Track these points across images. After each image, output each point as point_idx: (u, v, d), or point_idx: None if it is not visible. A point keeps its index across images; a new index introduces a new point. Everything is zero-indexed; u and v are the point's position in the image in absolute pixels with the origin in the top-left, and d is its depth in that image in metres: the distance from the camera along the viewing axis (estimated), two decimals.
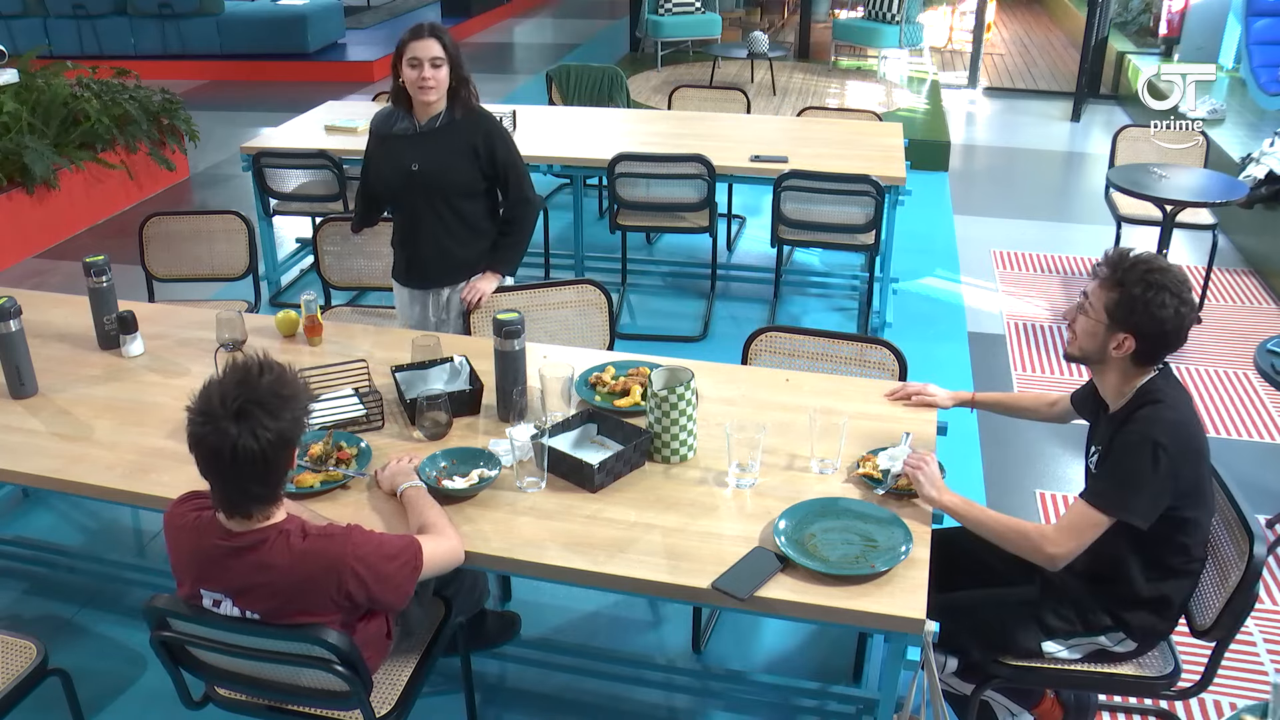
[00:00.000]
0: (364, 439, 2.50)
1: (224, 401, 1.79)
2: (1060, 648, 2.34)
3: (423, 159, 3.21)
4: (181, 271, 4.20)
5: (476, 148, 3.20)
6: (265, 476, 1.85)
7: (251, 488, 1.86)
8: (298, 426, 1.87)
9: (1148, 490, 2.10)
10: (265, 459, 1.81)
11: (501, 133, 3.27)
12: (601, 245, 5.78)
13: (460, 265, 3.35)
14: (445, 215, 3.27)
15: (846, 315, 5.25)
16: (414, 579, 2.00)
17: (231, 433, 1.78)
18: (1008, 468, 3.96)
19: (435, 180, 3.22)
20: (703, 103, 6.28)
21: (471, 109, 3.22)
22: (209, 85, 10.57)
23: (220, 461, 1.81)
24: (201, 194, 7.25)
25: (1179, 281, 2.14)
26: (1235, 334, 5.01)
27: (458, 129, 3.20)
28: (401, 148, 3.24)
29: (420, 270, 3.39)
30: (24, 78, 6.39)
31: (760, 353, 3.10)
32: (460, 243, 3.32)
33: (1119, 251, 2.21)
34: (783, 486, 2.35)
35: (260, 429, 1.79)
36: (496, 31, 13.76)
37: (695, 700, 2.91)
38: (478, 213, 3.32)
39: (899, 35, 9.47)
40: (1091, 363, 2.27)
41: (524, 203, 3.34)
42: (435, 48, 3.07)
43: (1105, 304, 2.16)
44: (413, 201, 3.29)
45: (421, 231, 3.32)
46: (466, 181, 3.24)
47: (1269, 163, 5.61)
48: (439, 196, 3.25)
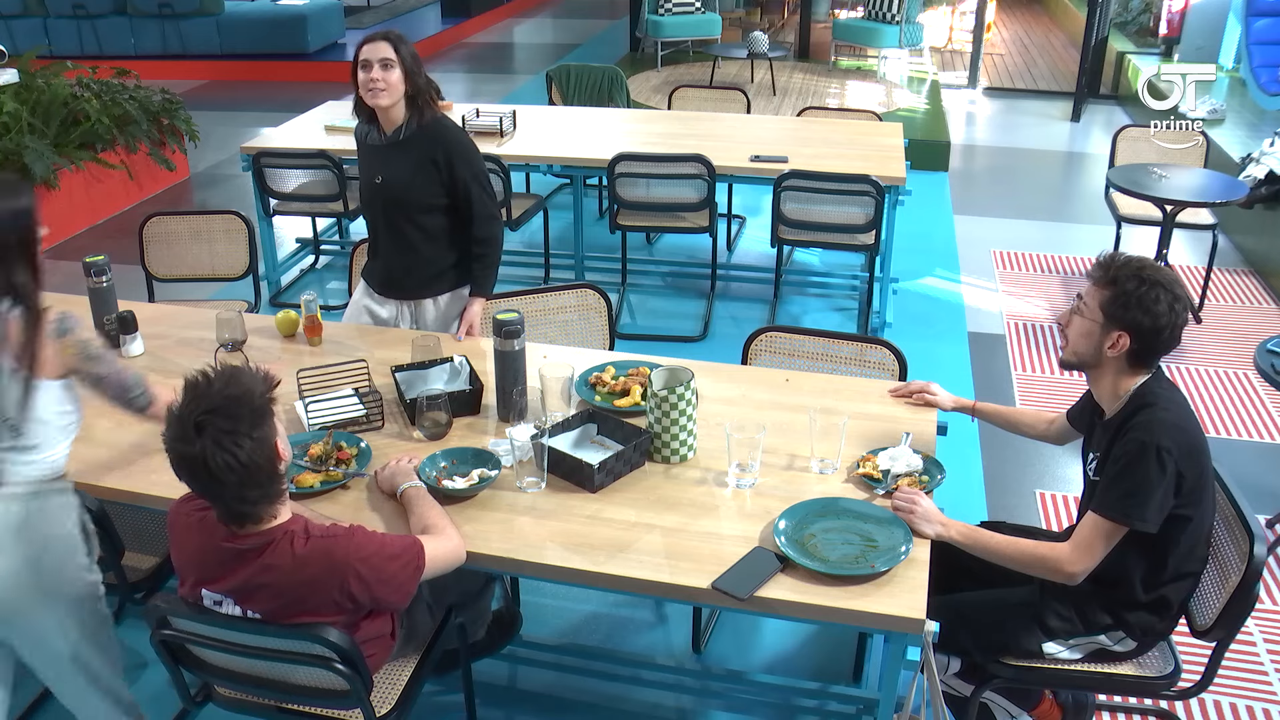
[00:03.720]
0: (364, 439, 2.50)
1: (183, 421, 1.78)
2: (1061, 648, 2.34)
3: (386, 171, 3.15)
4: (181, 271, 4.20)
5: (436, 161, 3.11)
6: (250, 479, 1.81)
7: (245, 493, 1.83)
8: (259, 419, 1.82)
9: (1156, 495, 2.11)
10: (239, 463, 1.78)
11: (462, 147, 3.15)
12: (601, 245, 5.78)
13: (427, 279, 3.27)
14: (407, 228, 3.19)
15: (846, 315, 5.25)
16: (416, 579, 2.00)
17: (197, 448, 1.76)
18: (1008, 468, 3.96)
19: (396, 194, 3.15)
20: (703, 103, 6.28)
21: (429, 120, 3.11)
22: (209, 85, 10.57)
23: (202, 478, 1.80)
24: (201, 194, 7.25)
25: (1171, 280, 2.17)
26: (1235, 334, 5.01)
27: (418, 142, 3.10)
28: (370, 158, 3.20)
29: (387, 280, 3.31)
30: (24, 78, 6.39)
31: (760, 353, 3.10)
32: (423, 256, 3.23)
33: (1110, 254, 2.24)
34: (783, 486, 2.35)
35: (222, 436, 1.76)
36: (496, 31, 13.76)
37: (695, 700, 2.91)
38: (440, 227, 3.22)
39: (899, 35, 9.47)
40: (1088, 367, 2.27)
41: (490, 219, 3.22)
42: (385, 49, 2.99)
43: (1100, 302, 2.18)
44: (378, 212, 3.23)
45: (386, 242, 3.26)
46: (427, 197, 3.15)
47: (1269, 163, 5.60)
48: (400, 210, 3.18)
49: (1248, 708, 2.86)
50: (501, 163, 4.72)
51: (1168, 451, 2.10)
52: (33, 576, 2.08)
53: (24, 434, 2.04)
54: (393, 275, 3.30)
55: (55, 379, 2.08)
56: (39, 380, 2.04)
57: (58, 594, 2.12)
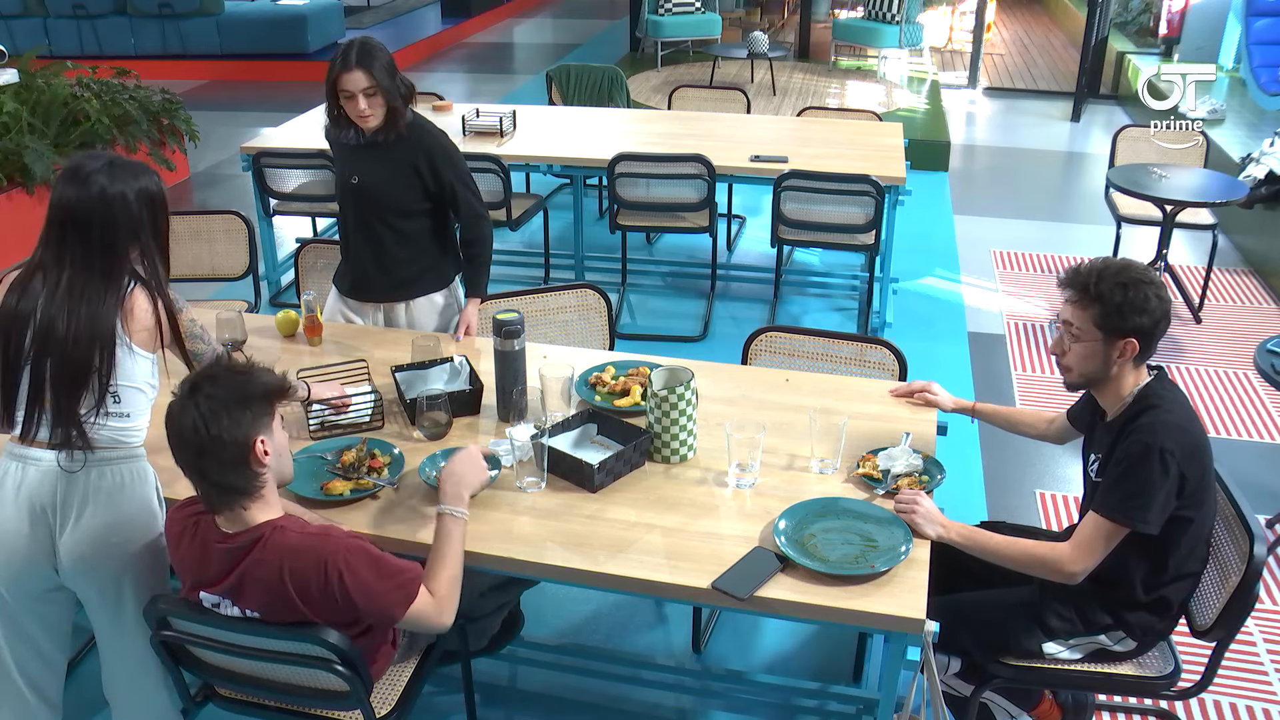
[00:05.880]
0: (397, 446, 2.47)
1: (185, 381, 1.88)
2: (1061, 648, 2.34)
3: (363, 172, 3.13)
4: (181, 271, 4.19)
5: (418, 167, 3.08)
6: (214, 457, 1.84)
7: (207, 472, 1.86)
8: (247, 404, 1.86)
9: (1159, 497, 2.11)
10: (206, 431, 1.81)
11: (444, 150, 3.12)
12: (601, 245, 5.78)
13: (397, 283, 3.25)
14: (381, 231, 3.17)
15: (846, 315, 5.25)
16: (403, 607, 1.93)
17: (180, 406, 1.84)
18: (1008, 468, 3.96)
19: (372, 196, 3.13)
20: (703, 103, 6.28)
21: (410, 125, 3.07)
22: (209, 85, 10.57)
23: (179, 438, 1.85)
24: (201, 194, 7.25)
25: (1144, 271, 2.18)
26: (1235, 334, 5.01)
27: (398, 147, 3.07)
28: (346, 157, 3.17)
29: (356, 281, 3.29)
30: (24, 78, 6.38)
31: (760, 353, 3.10)
32: (394, 259, 3.21)
33: (1074, 271, 2.21)
34: (783, 486, 2.35)
35: (204, 400, 1.82)
36: (496, 31, 13.76)
37: (695, 700, 2.91)
38: (417, 231, 3.19)
39: (899, 35, 9.47)
40: (1097, 383, 2.26)
41: (478, 220, 3.20)
42: (363, 79, 2.91)
43: (1092, 320, 2.17)
44: (351, 213, 3.21)
45: (358, 243, 3.24)
46: (404, 201, 3.13)
47: (1269, 163, 5.60)
48: (375, 212, 3.15)
49: (1248, 708, 2.86)
50: (501, 163, 4.72)
51: (1171, 454, 2.10)
52: (117, 537, 2.14)
53: (122, 401, 2.11)
54: (362, 277, 3.27)
55: (152, 352, 2.18)
56: (144, 352, 2.14)
57: (135, 559, 2.17)
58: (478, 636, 2.66)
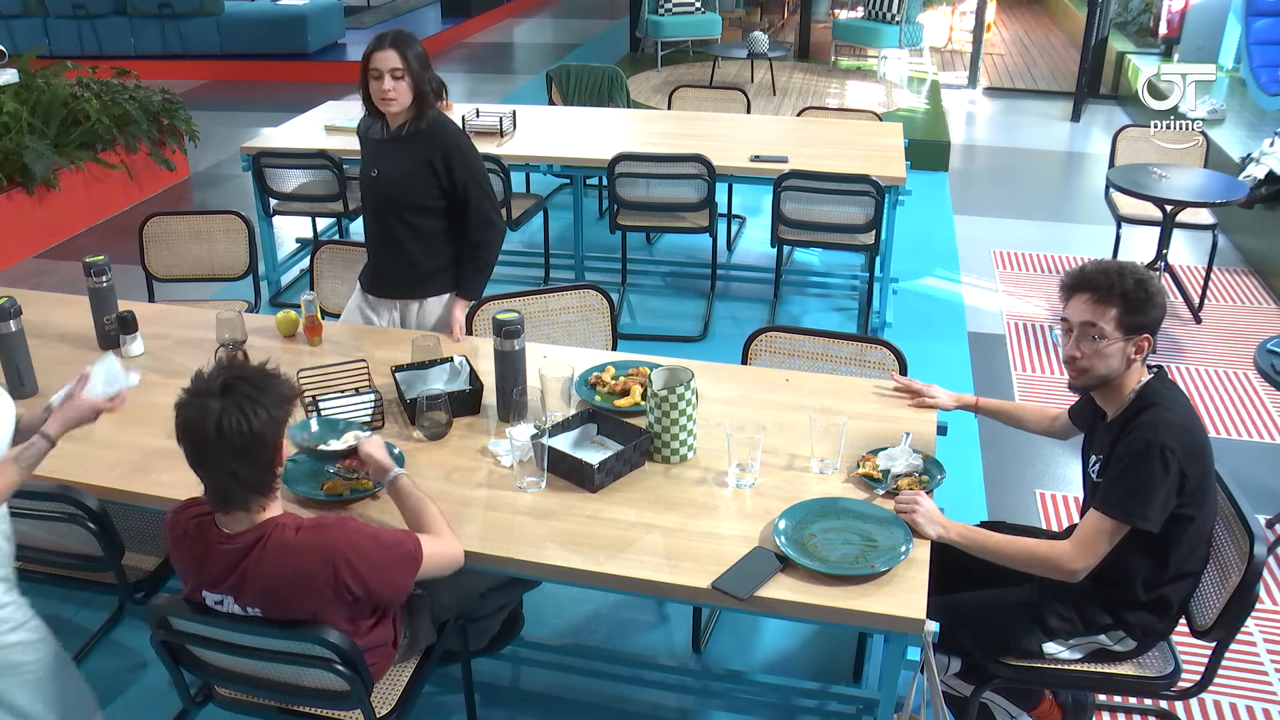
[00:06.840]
0: (397, 446, 2.47)
1: (211, 380, 1.84)
2: (1061, 648, 2.34)
3: (383, 166, 3.15)
4: (181, 271, 4.20)
5: (434, 164, 3.08)
6: (250, 457, 1.83)
7: (239, 471, 1.84)
8: (282, 402, 1.87)
9: (1160, 495, 2.11)
10: (250, 430, 1.80)
11: (460, 149, 3.12)
12: (601, 245, 5.78)
13: (413, 280, 3.25)
14: (396, 226, 3.18)
15: (846, 315, 5.25)
16: (411, 572, 1.99)
17: (215, 407, 1.80)
18: (1008, 468, 3.96)
19: (390, 190, 3.14)
20: (703, 103, 6.27)
21: (430, 119, 3.09)
22: (209, 85, 10.57)
23: (205, 440, 1.81)
24: (201, 194, 7.25)
25: (1138, 266, 2.23)
26: (1235, 334, 5.00)
27: (418, 141, 3.08)
28: (371, 151, 3.19)
29: (375, 277, 3.31)
30: (24, 78, 6.38)
31: (760, 353, 3.10)
32: (410, 256, 3.21)
33: (1091, 271, 2.22)
34: (783, 486, 2.35)
35: (244, 400, 1.81)
36: (496, 31, 13.75)
37: (695, 700, 2.91)
38: (432, 229, 3.19)
39: (899, 35, 9.47)
40: (1112, 379, 2.24)
41: (488, 225, 3.19)
42: (394, 59, 2.97)
43: (1115, 319, 2.16)
44: (371, 208, 3.23)
45: (376, 239, 3.26)
46: (421, 197, 3.13)
47: (1269, 163, 5.60)
48: (393, 207, 3.16)
49: (1248, 708, 2.86)
50: (501, 163, 4.72)
51: (1171, 451, 2.10)
52: None
53: None
54: (380, 273, 3.30)
55: None
56: None
57: None
58: (478, 637, 2.67)
